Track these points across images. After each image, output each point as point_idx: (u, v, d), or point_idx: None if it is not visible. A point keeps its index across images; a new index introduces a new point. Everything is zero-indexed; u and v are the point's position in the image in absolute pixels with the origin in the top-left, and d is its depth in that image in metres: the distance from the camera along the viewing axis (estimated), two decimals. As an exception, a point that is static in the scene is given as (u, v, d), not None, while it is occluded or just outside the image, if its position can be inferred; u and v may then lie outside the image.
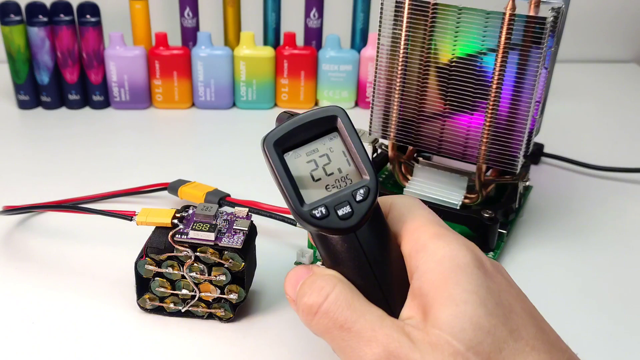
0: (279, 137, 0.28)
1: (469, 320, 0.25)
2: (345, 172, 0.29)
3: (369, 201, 0.28)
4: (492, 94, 0.43)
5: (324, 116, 0.29)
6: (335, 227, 0.28)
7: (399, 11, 0.45)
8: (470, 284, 0.26)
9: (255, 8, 0.75)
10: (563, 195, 0.56)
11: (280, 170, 0.28)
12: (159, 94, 0.71)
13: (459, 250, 0.27)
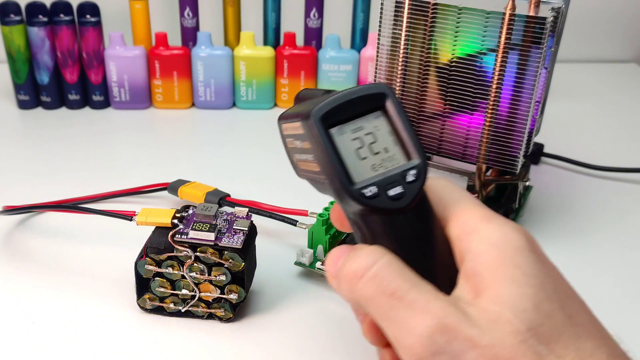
0: (326, 111, 0.27)
1: (531, 301, 0.24)
2: (391, 152, 0.28)
3: (419, 182, 0.27)
4: (492, 94, 0.43)
5: (371, 93, 0.28)
6: (387, 208, 0.27)
7: (399, 11, 0.45)
8: (528, 267, 0.26)
9: (255, 8, 0.75)
10: (563, 195, 0.56)
11: (327, 146, 0.27)
12: (159, 94, 0.71)
13: (513, 233, 0.27)
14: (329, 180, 0.27)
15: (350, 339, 0.39)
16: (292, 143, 0.30)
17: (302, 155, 0.29)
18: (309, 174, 0.30)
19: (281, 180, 0.55)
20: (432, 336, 0.24)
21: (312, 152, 0.28)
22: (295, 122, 0.29)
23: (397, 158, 0.28)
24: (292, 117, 0.29)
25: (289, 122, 0.30)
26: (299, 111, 0.29)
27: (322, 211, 0.43)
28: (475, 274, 0.26)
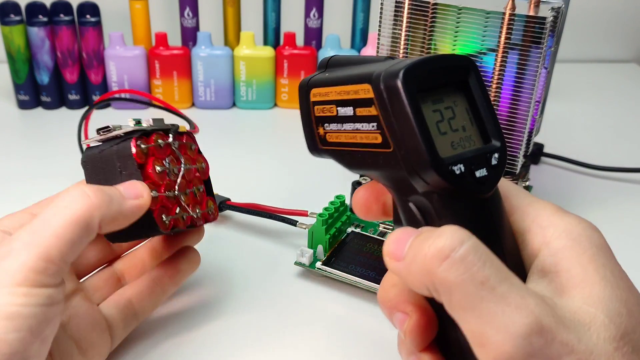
0: (416, 73, 0.23)
1: (625, 305, 0.23)
2: (468, 131, 0.25)
3: (501, 167, 0.25)
4: (491, 94, 0.43)
5: (456, 64, 0.25)
6: (474, 190, 0.24)
7: (398, 11, 0.45)
8: (616, 269, 0.24)
9: (255, 8, 0.75)
10: (563, 195, 0.56)
11: (417, 115, 0.23)
12: (159, 94, 0.71)
13: (592, 230, 0.25)
14: (406, 155, 0.24)
15: (350, 339, 0.39)
16: (327, 111, 0.27)
17: (349, 124, 0.26)
18: (348, 148, 0.27)
19: (281, 180, 0.55)
20: (529, 337, 0.21)
21: (379, 120, 0.25)
22: (354, 85, 0.25)
23: (474, 139, 0.26)
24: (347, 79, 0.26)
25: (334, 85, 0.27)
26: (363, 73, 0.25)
27: (322, 211, 0.43)
28: (557, 270, 0.24)
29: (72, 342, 0.33)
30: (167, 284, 0.37)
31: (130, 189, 0.32)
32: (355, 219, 0.49)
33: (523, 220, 0.26)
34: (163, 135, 0.35)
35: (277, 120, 0.71)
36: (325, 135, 0.28)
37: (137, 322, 0.37)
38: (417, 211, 0.25)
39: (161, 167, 0.34)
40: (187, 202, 0.36)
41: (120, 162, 0.33)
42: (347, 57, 0.29)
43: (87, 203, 0.29)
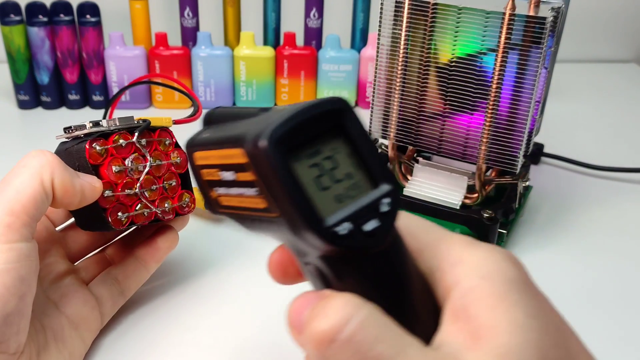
0: (281, 133, 0.22)
1: (538, 351, 0.21)
2: (355, 178, 0.23)
3: (394, 212, 0.23)
4: (492, 94, 0.43)
5: (328, 109, 0.23)
6: (364, 246, 0.22)
7: (399, 11, 0.45)
8: (528, 306, 0.22)
9: (255, 8, 0.75)
10: (563, 195, 0.56)
11: (288, 179, 0.21)
12: (159, 94, 0.71)
13: (503, 262, 0.23)
14: (288, 220, 0.22)
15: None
16: (212, 175, 0.26)
17: (234, 189, 0.24)
18: (240, 212, 0.25)
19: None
20: None
21: (257, 185, 0.23)
22: (228, 149, 0.23)
23: (362, 185, 0.23)
24: (222, 143, 0.24)
25: (212, 149, 0.25)
26: (234, 135, 0.23)
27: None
28: (467, 315, 0.22)
29: (64, 318, 0.35)
30: (149, 261, 0.40)
31: (86, 175, 0.34)
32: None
33: (433, 258, 0.24)
34: (125, 135, 0.36)
35: (277, 120, 0.71)
36: (218, 199, 0.26)
37: (124, 299, 0.39)
38: (316, 274, 0.24)
39: (119, 166, 0.36)
40: (154, 197, 0.38)
41: (78, 162, 0.35)
42: (227, 110, 0.27)
43: (43, 160, 0.32)
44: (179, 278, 0.44)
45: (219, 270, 0.45)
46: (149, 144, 0.37)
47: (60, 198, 0.32)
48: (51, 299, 0.35)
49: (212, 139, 0.25)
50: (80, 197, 0.33)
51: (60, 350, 0.34)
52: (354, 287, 0.23)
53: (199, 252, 0.47)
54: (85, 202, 0.34)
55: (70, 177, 0.32)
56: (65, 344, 0.34)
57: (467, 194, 0.48)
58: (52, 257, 0.37)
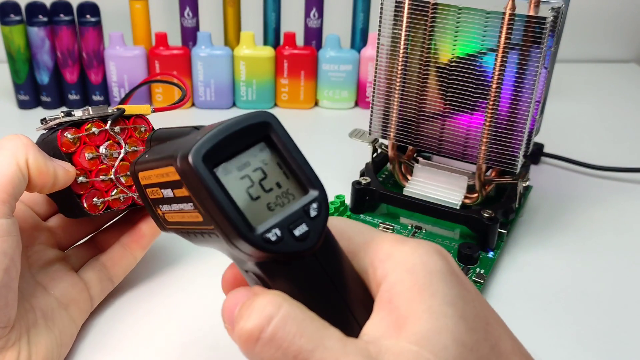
0: (207, 149, 0.23)
1: (452, 336, 0.22)
2: (285, 186, 0.25)
3: (323, 216, 0.24)
4: (492, 94, 0.43)
5: (253, 123, 0.24)
6: (295, 250, 0.24)
7: (399, 11, 0.45)
8: (447, 295, 0.23)
9: (255, 8, 0.75)
10: (563, 195, 0.56)
11: (215, 191, 0.23)
12: (159, 94, 0.71)
13: (430, 255, 0.25)
14: (221, 230, 0.23)
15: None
16: (156, 193, 0.27)
17: (175, 205, 0.26)
18: (184, 227, 0.26)
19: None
20: None
21: (192, 200, 0.24)
22: (163, 168, 0.25)
23: (292, 192, 0.25)
24: (158, 162, 0.25)
25: (152, 168, 0.26)
26: (167, 154, 0.25)
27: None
28: (391, 307, 0.24)
29: (53, 299, 0.36)
30: (135, 248, 0.41)
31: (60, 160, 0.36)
32: (355, 219, 0.49)
33: (366, 257, 0.26)
34: (98, 123, 0.38)
35: (277, 120, 0.71)
36: (165, 216, 0.27)
37: (112, 285, 0.41)
38: (255, 280, 0.25)
39: (92, 153, 0.37)
40: (130, 183, 0.39)
41: (52, 151, 0.36)
42: (166, 131, 0.29)
43: (18, 142, 0.33)
44: (168, 263, 0.45)
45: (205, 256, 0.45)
46: (123, 131, 0.39)
47: (35, 178, 0.33)
48: (40, 283, 0.37)
49: (150, 158, 0.27)
50: (53, 180, 0.34)
51: (51, 328, 0.35)
52: (290, 288, 0.24)
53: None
54: (59, 185, 0.35)
55: (44, 159, 0.34)
56: (54, 322, 0.35)
57: (467, 194, 0.48)
58: (39, 245, 0.38)
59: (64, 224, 0.40)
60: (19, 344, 0.33)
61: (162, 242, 0.47)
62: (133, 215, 0.42)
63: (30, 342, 0.33)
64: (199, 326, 0.40)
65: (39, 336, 0.34)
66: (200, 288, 0.43)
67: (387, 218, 0.49)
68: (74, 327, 0.37)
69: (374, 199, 0.49)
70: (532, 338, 0.28)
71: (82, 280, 0.38)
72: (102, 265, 0.40)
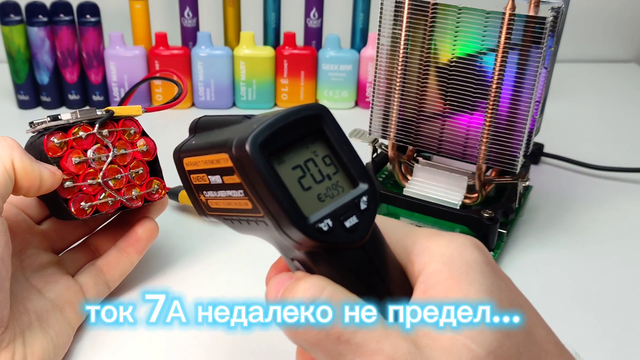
0: (264, 138, 0.23)
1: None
2: (335, 179, 0.25)
3: (372, 209, 0.25)
4: (492, 94, 0.43)
5: (307, 115, 0.25)
6: (346, 241, 0.24)
7: (399, 11, 0.45)
8: (483, 283, 0.24)
9: (255, 8, 0.75)
10: (563, 195, 0.56)
11: (272, 179, 0.23)
12: (159, 94, 0.71)
13: (466, 247, 0.25)
14: (273, 219, 0.24)
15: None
16: (201, 179, 0.27)
17: (222, 192, 0.26)
18: (229, 214, 0.27)
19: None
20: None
21: (243, 187, 0.24)
22: (214, 154, 0.25)
23: (342, 185, 0.25)
24: (208, 149, 0.26)
25: (200, 154, 0.27)
26: (219, 141, 0.25)
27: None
28: (428, 297, 0.24)
29: (48, 301, 0.36)
30: (131, 253, 0.41)
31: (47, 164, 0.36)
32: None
33: (403, 252, 0.26)
34: (86, 127, 0.37)
35: (277, 120, 0.71)
36: (208, 202, 0.28)
37: (108, 289, 0.41)
38: (302, 269, 0.26)
39: (79, 157, 0.37)
40: (119, 186, 0.38)
41: (39, 155, 0.36)
42: (212, 118, 0.29)
43: (3, 143, 0.34)
44: (167, 263, 0.45)
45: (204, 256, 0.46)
46: (112, 134, 0.38)
47: (21, 180, 0.33)
48: (34, 286, 0.37)
49: (199, 145, 0.27)
50: (39, 182, 0.34)
51: (46, 330, 0.35)
52: (335, 276, 0.25)
53: (185, 244, 0.47)
54: (45, 188, 0.35)
55: (30, 161, 0.34)
56: (50, 324, 0.35)
57: (467, 194, 0.48)
58: (33, 248, 0.38)
59: (57, 227, 0.40)
60: (14, 345, 0.33)
61: (161, 243, 0.47)
62: (129, 218, 0.41)
63: (25, 343, 0.33)
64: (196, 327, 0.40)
65: (35, 338, 0.34)
66: (197, 289, 0.43)
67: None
68: (70, 329, 0.37)
69: (374, 199, 0.48)
70: (532, 338, 0.28)
71: (77, 284, 0.38)
72: (98, 269, 0.40)
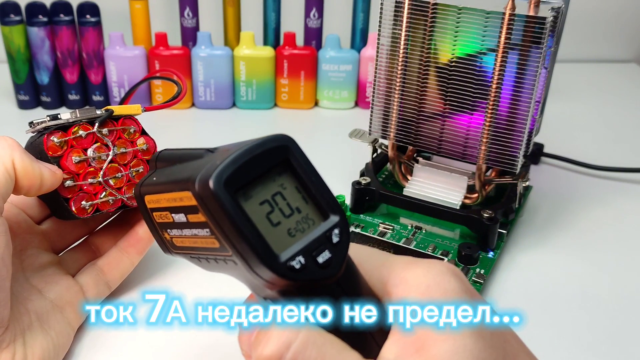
0: (229, 174, 0.22)
1: (470, 355, 0.22)
2: (305, 211, 0.24)
3: (345, 242, 0.24)
4: (492, 94, 0.43)
5: (273, 146, 0.24)
6: (320, 278, 0.23)
7: (398, 11, 0.45)
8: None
9: (255, 8, 0.75)
10: (563, 195, 0.56)
11: (239, 218, 0.22)
12: (159, 94, 0.71)
13: (443, 275, 0.25)
14: (241, 258, 0.23)
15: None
16: (165, 217, 0.26)
17: (187, 230, 0.25)
18: (195, 252, 0.26)
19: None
20: None
21: (208, 226, 0.23)
22: (177, 192, 0.24)
23: (312, 218, 0.24)
24: (170, 185, 0.25)
25: (162, 192, 0.25)
26: (181, 178, 0.24)
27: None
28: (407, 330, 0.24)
29: (48, 302, 0.36)
30: (132, 253, 0.41)
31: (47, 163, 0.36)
32: (355, 219, 0.49)
33: (380, 283, 0.25)
34: (85, 126, 0.37)
35: (277, 120, 0.71)
36: (172, 240, 0.27)
37: (109, 289, 0.40)
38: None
39: (79, 157, 0.37)
40: (119, 185, 0.38)
41: (39, 155, 0.36)
42: (173, 152, 0.28)
43: (4, 143, 0.33)
44: (166, 264, 0.45)
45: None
46: (111, 133, 0.38)
47: (21, 179, 0.33)
48: (35, 286, 0.37)
49: (160, 181, 0.26)
50: (40, 181, 0.34)
51: (46, 330, 0.35)
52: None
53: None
54: (46, 187, 0.35)
55: (30, 160, 0.34)
56: (50, 324, 0.35)
57: (467, 194, 0.48)
58: (33, 249, 0.38)
59: (57, 227, 0.40)
60: (14, 345, 0.33)
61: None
62: (129, 218, 0.41)
63: (25, 343, 0.33)
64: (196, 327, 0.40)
65: (35, 338, 0.34)
66: (197, 289, 0.43)
67: (387, 218, 0.49)
68: (70, 330, 0.37)
69: (374, 199, 0.49)
70: (532, 338, 0.28)
71: (77, 284, 0.38)
72: (98, 269, 0.40)
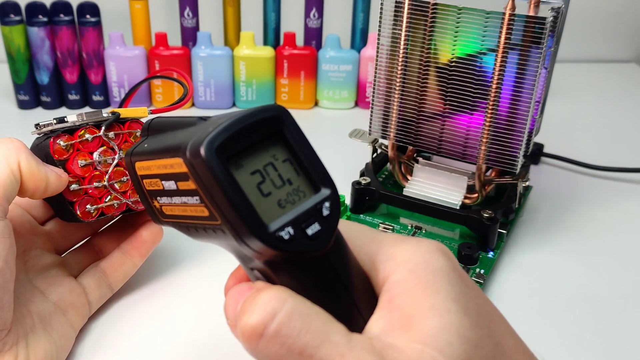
0: (221, 141, 0.22)
1: (456, 332, 0.22)
2: (296, 183, 0.24)
3: (335, 215, 0.24)
4: (491, 94, 0.43)
5: (266, 116, 0.23)
6: (308, 250, 0.23)
7: (398, 11, 0.45)
8: (450, 291, 0.23)
9: (255, 8, 0.75)
10: (563, 195, 0.56)
11: (229, 186, 0.22)
12: (159, 94, 0.71)
13: (432, 253, 0.24)
14: (231, 227, 0.22)
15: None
16: (155, 184, 0.26)
17: (176, 198, 0.25)
18: (184, 221, 0.25)
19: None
20: None
21: (199, 193, 0.23)
22: (167, 159, 0.24)
23: (303, 190, 0.24)
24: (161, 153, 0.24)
25: (152, 159, 0.25)
26: (173, 145, 0.24)
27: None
28: (394, 305, 0.23)
29: (51, 304, 0.36)
30: (135, 255, 0.40)
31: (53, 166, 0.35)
32: (355, 219, 0.49)
33: (368, 259, 0.25)
34: (92, 129, 0.37)
35: (277, 120, 0.71)
36: (162, 209, 0.26)
37: (111, 292, 0.40)
38: (262, 279, 0.24)
39: (85, 160, 0.37)
40: (125, 188, 0.38)
41: (45, 157, 0.36)
42: (166, 120, 0.27)
43: (10, 145, 0.33)
44: (166, 265, 0.45)
45: (203, 258, 0.46)
46: (118, 137, 0.38)
47: (27, 182, 0.33)
48: (37, 287, 0.37)
49: (151, 149, 0.25)
50: (45, 184, 0.34)
51: (49, 332, 0.35)
52: (296, 285, 0.23)
53: (187, 245, 0.47)
54: (51, 190, 0.34)
55: (36, 163, 0.33)
56: (52, 327, 0.35)
57: (467, 194, 0.48)
58: (36, 249, 0.38)
59: (61, 228, 0.40)
60: (17, 348, 0.33)
61: (160, 245, 0.47)
62: (133, 220, 0.41)
63: (28, 346, 0.33)
64: (197, 328, 0.40)
65: (37, 340, 0.34)
66: (198, 290, 0.43)
67: (387, 218, 0.49)
68: (72, 332, 0.37)
69: (374, 199, 0.49)
70: (532, 338, 0.28)
71: (80, 286, 0.38)
72: (101, 271, 0.40)
